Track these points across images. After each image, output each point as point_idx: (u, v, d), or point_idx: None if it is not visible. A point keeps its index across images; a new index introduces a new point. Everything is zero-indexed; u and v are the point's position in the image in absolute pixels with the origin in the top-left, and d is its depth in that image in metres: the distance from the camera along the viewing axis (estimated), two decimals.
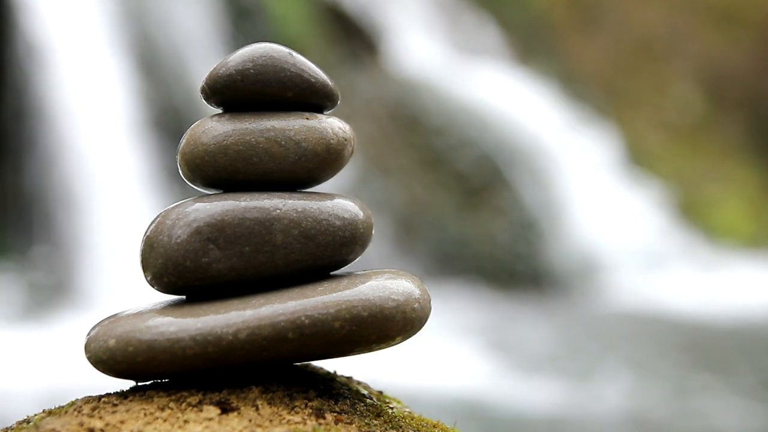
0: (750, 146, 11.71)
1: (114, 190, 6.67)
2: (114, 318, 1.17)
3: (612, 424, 4.68)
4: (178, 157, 1.21)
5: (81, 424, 1.08)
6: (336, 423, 1.11)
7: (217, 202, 1.16)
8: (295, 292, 1.13)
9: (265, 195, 1.17)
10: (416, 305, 1.15)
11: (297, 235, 1.16)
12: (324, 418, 1.11)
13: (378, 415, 1.17)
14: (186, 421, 1.08)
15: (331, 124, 1.21)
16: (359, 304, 1.11)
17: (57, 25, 6.86)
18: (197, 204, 1.16)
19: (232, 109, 1.21)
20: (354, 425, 1.12)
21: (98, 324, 1.17)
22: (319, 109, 1.23)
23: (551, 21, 11.93)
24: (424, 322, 1.17)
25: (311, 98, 1.21)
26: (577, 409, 4.88)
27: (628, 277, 8.45)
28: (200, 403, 1.11)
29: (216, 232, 1.15)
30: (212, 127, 1.19)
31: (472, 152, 8.72)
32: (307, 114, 1.21)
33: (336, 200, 1.20)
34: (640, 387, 5.33)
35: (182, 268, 1.15)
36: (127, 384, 1.19)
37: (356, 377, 1.29)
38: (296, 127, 1.19)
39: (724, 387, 5.38)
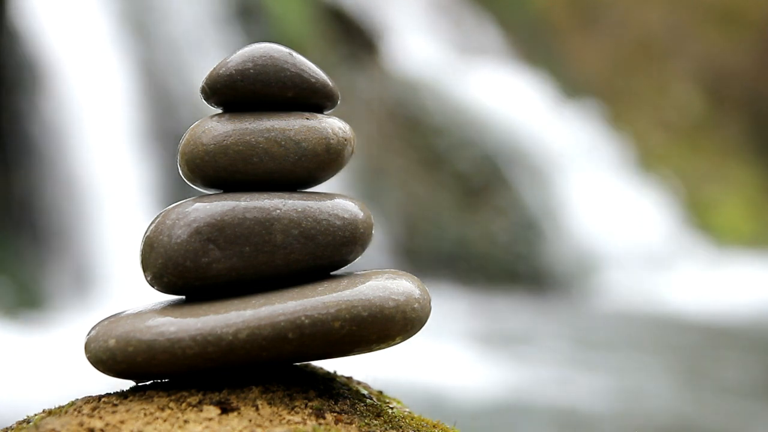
0: (750, 146, 11.71)
1: (116, 194, 6.67)
2: (114, 318, 1.16)
3: (613, 423, 4.67)
4: (178, 157, 1.20)
5: (81, 424, 1.08)
6: (336, 423, 1.11)
7: (217, 202, 1.16)
8: (295, 292, 1.13)
9: (265, 195, 1.17)
10: (416, 305, 1.15)
11: (297, 235, 1.16)
12: (324, 418, 1.11)
13: (378, 415, 1.17)
14: (186, 421, 1.08)
15: (331, 124, 1.21)
16: (359, 304, 1.11)
17: (58, 34, 6.86)
18: (197, 204, 1.16)
19: (232, 109, 1.21)
20: (354, 425, 1.12)
21: (98, 324, 1.17)
22: (319, 109, 1.23)
23: (551, 21, 11.93)
24: (425, 322, 1.17)
25: (311, 98, 1.21)
26: (576, 410, 4.88)
27: (629, 277, 8.45)
28: (200, 403, 1.11)
29: (216, 232, 1.14)
30: (212, 127, 1.19)
31: (472, 152, 8.72)
32: (307, 114, 1.21)
33: (336, 200, 1.19)
34: (640, 387, 5.33)
35: (182, 268, 1.14)
36: (127, 384, 1.19)
37: (356, 377, 1.29)
38: (296, 127, 1.19)
39: (724, 386, 5.38)
